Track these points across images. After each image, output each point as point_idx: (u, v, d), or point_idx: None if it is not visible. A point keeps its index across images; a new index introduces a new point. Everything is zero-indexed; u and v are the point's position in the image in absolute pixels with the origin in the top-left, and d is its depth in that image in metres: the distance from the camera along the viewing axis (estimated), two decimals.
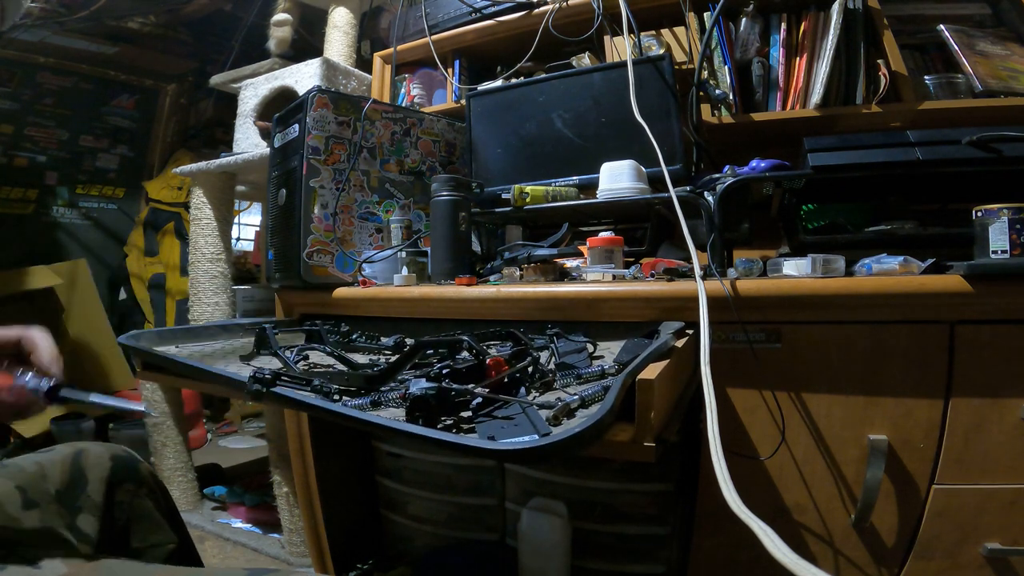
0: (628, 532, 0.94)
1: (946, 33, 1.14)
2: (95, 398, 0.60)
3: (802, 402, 0.75)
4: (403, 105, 1.58)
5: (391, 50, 1.61)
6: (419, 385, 0.47)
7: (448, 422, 0.47)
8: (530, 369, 0.56)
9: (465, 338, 0.59)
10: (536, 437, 0.40)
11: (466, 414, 0.49)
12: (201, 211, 1.81)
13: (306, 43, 2.18)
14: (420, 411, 0.46)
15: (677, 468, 0.90)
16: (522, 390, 0.53)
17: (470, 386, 0.49)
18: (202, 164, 1.76)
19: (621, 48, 1.29)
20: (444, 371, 0.52)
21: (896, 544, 0.73)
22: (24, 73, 2.74)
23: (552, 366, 0.62)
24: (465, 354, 0.61)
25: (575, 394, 0.49)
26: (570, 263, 1.01)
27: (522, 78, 1.37)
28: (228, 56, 2.43)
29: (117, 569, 0.53)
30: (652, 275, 0.88)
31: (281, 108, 1.19)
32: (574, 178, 1.12)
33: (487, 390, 0.50)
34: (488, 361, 0.54)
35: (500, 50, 1.50)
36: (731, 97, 1.18)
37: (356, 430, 1.20)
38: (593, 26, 1.30)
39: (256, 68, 1.97)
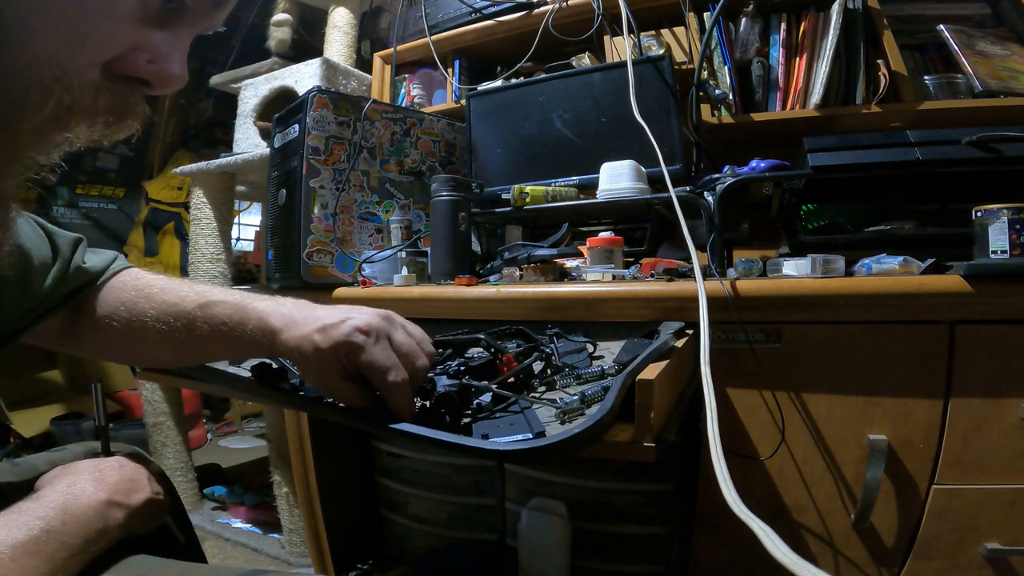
0: (628, 532, 0.94)
1: (946, 33, 1.14)
2: None
3: (802, 402, 0.75)
4: (403, 105, 1.58)
5: (391, 50, 1.61)
6: (442, 382, 0.48)
7: (449, 420, 0.47)
8: (543, 366, 0.57)
9: (483, 336, 0.59)
10: (536, 437, 0.40)
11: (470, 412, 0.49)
12: (201, 211, 1.81)
13: (306, 43, 2.18)
14: (445, 407, 0.46)
15: (677, 468, 0.90)
16: (524, 390, 0.53)
17: (493, 385, 0.50)
18: (202, 164, 1.76)
19: (621, 48, 1.29)
20: (462, 368, 0.52)
21: (896, 544, 0.73)
22: None
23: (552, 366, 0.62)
24: (473, 351, 0.61)
25: (575, 394, 0.49)
26: (570, 263, 1.01)
27: (522, 78, 1.37)
28: (228, 56, 2.43)
29: (134, 561, 0.53)
30: (652, 275, 0.88)
31: (281, 108, 1.19)
32: (574, 178, 1.12)
33: (507, 389, 0.50)
34: (503, 357, 0.54)
35: (500, 50, 1.50)
36: (731, 97, 1.18)
37: (356, 431, 1.21)
38: (593, 26, 1.30)
39: (256, 68, 1.97)
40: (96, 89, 0.34)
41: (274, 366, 0.60)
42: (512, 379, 0.53)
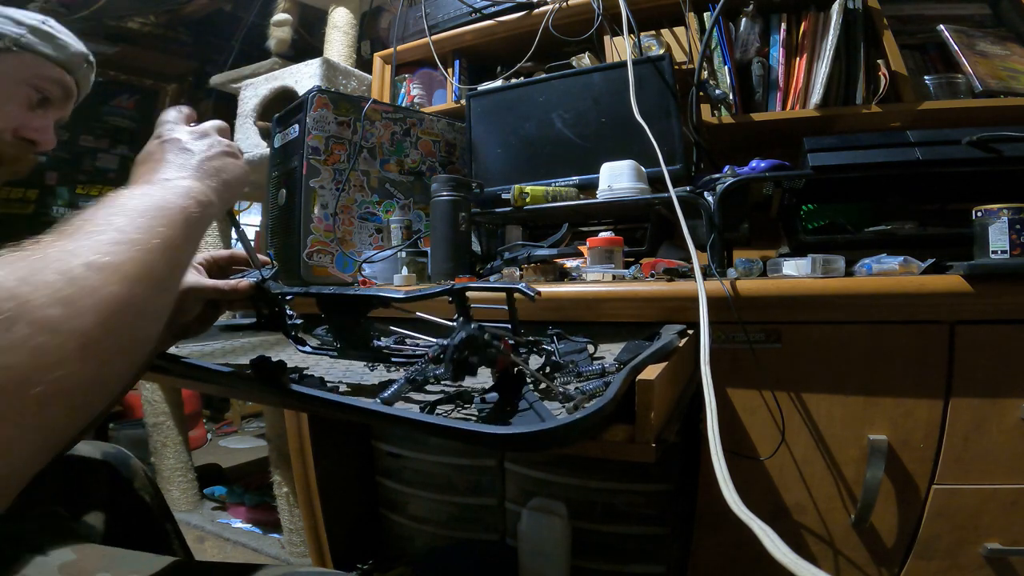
0: (628, 532, 0.94)
1: (946, 33, 1.14)
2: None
3: (802, 402, 0.75)
4: (403, 105, 1.58)
5: (391, 50, 1.61)
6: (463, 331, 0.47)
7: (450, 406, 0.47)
8: (543, 360, 0.57)
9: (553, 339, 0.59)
10: (536, 423, 0.40)
11: (473, 409, 0.49)
12: None
13: (306, 43, 2.18)
14: (469, 349, 0.46)
15: (677, 468, 0.90)
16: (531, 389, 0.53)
17: (511, 341, 0.49)
18: None
19: (621, 48, 1.29)
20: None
21: (896, 544, 0.73)
22: None
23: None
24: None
25: (576, 388, 0.49)
26: (570, 263, 1.01)
27: (522, 78, 1.37)
28: (228, 56, 2.43)
29: (127, 556, 0.53)
30: (652, 275, 0.88)
31: (281, 108, 1.19)
32: (574, 178, 1.12)
33: (509, 386, 0.50)
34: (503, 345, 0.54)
35: (500, 50, 1.50)
36: (731, 97, 1.18)
37: (356, 430, 1.20)
38: (593, 26, 1.30)
39: (256, 68, 1.97)
40: (6, 142, 0.69)
41: (273, 360, 0.59)
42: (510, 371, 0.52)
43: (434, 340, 0.66)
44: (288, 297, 0.63)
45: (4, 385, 0.23)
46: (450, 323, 0.53)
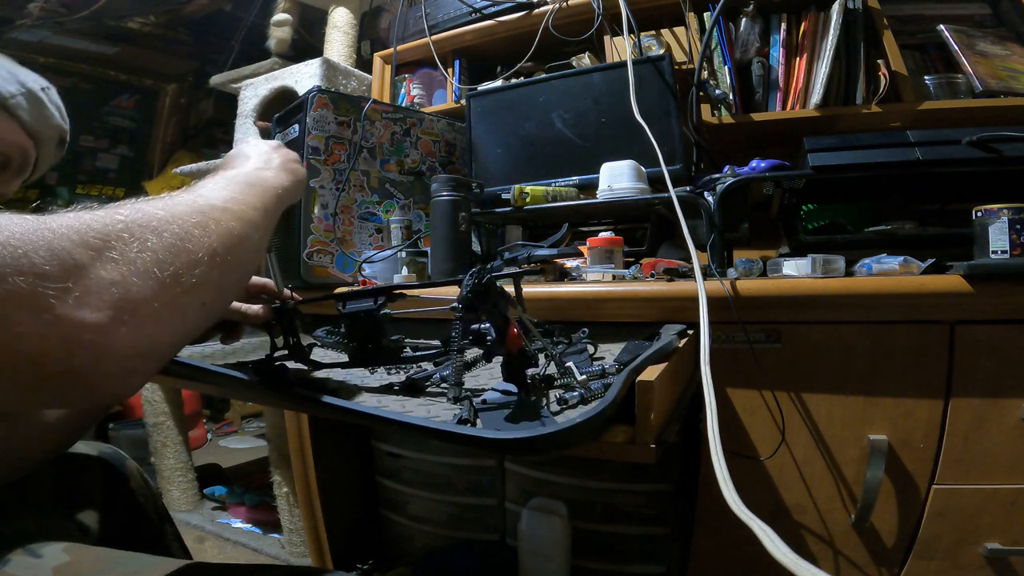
0: (628, 532, 0.94)
1: (946, 33, 1.14)
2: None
3: (802, 402, 0.75)
4: (403, 105, 1.58)
5: (391, 50, 1.61)
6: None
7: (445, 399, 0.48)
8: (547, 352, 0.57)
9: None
10: (536, 427, 0.40)
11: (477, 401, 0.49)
12: None
13: (306, 43, 2.18)
14: (477, 292, 0.49)
15: (677, 468, 0.90)
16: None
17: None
18: (202, 164, 1.76)
19: (621, 48, 1.29)
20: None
21: (896, 544, 0.73)
22: None
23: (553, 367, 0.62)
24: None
25: (576, 390, 0.49)
26: (570, 263, 1.01)
27: (522, 78, 1.37)
28: (228, 56, 2.43)
29: (122, 558, 0.53)
30: (652, 275, 0.88)
31: (281, 108, 1.19)
32: (574, 178, 1.12)
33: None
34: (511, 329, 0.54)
35: (500, 50, 1.50)
36: (731, 97, 1.18)
37: (356, 430, 1.21)
38: (593, 26, 1.30)
39: (256, 68, 1.97)
40: None
41: (275, 365, 0.59)
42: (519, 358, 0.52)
43: (436, 343, 0.66)
44: (306, 319, 0.65)
45: (164, 278, 0.31)
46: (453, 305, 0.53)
